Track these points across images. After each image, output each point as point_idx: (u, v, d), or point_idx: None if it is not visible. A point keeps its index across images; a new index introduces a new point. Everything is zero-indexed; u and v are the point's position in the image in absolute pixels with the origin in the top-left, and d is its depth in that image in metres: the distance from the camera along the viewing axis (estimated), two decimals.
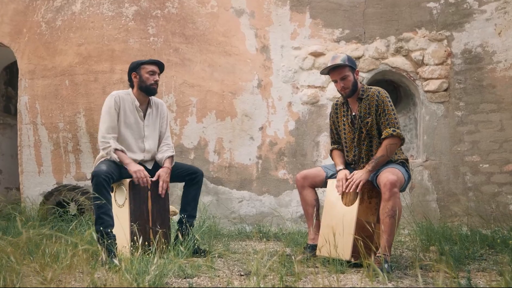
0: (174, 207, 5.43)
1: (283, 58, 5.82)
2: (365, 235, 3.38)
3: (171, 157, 3.91)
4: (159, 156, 3.92)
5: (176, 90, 5.63)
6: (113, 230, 3.44)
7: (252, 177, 5.72)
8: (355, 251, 3.35)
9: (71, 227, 3.78)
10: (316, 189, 3.81)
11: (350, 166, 3.75)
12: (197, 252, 3.74)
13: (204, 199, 5.61)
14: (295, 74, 5.82)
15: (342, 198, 3.52)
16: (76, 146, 5.56)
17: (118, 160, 3.63)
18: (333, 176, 3.73)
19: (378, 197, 3.48)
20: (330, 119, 3.90)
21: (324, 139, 5.75)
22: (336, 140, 3.87)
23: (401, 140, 3.52)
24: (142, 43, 5.58)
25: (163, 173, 3.76)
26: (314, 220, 3.63)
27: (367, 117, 3.60)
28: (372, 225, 3.40)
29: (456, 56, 5.68)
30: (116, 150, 3.64)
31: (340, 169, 3.61)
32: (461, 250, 3.94)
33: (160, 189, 3.71)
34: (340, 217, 3.49)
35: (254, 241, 4.81)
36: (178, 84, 5.63)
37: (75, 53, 5.59)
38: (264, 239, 5.02)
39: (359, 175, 3.44)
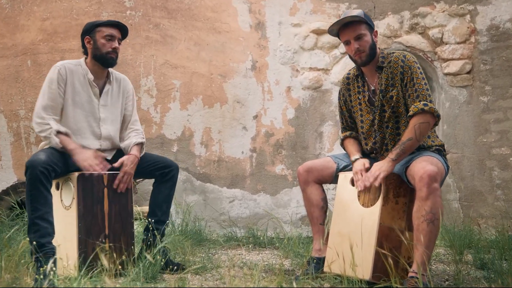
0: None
1: (281, 36, 4.87)
2: (391, 246, 2.42)
3: (140, 144, 2.96)
4: (124, 144, 2.98)
5: (157, 71, 4.67)
6: (53, 241, 2.48)
7: (245, 173, 4.76)
8: (377, 269, 2.39)
9: (8, 235, 2.82)
10: (323, 185, 2.86)
11: (369, 156, 2.80)
12: (168, 266, 2.78)
13: (189, 198, 4.65)
14: (295, 54, 4.87)
15: (358, 197, 2.56)
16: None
17: (61, 146, 2.67)
18: (346, 168, 2.78)
19: (407, 195, 2.52)
20: (340, 99, 2.94)
21: (329, 129, 4.80)
22: (348, 126, 2.92)
23: (435, 117, 2.57)
24: (117, 17, 4.62)
25: (127, 161, 2.80)
26: (326, 230, 2.64)
27: (390, 90, 2.64)
28: (403, 233, 2.45)
29: (481, 33, 4.73)
30: (58, 132, 2.68)
31: (357, 159, 2.66)
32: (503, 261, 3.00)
33: (117, 181, 2.74)
34: (356, 222, 2.52)
35: (245, 250, 3.85)
36: (159, 64, 4.68)
37: (38, 29, 4.64)
38: (258, 246, 4.06)
39: (379, 166, 2.49)
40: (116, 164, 2.78)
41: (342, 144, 2.91)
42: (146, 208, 4.40)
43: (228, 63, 4.78)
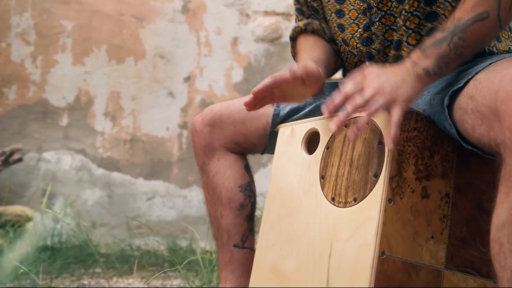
0: (25, 208, 2.84)
1: None
2: None
3: None
4: None
5: (37, 7, 3.05)
6: None
7: (171, 159, 3.16)
8: None
9: None
10: (248, 158, 1.23)
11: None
12: None
13: (85, 194, 3.04)
14: None
15: (323, 178, 0.94)
16: None
17: None
18: (297, 115, 1.14)
19: (451, 174, 0.89)
20: None
21: None
22: (308, 6, 1.26)
23: None
24: None
25: None
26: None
27: None
28: (446, 277, 0.83)
29: None
30: None
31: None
32: None
33: None
34: (316, 246, 0.91)
35: (145, 277, 2.22)
36: None
37: None
38: (171, 270, 2.44)
39: (385, 80, 0.86)
40: None
41: (292, 50, 1.31)
42: (12, 209, 2.80)
43: (148, 1, 3.20)
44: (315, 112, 1.10)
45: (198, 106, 3.22)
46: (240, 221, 1.14)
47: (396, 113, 0.82)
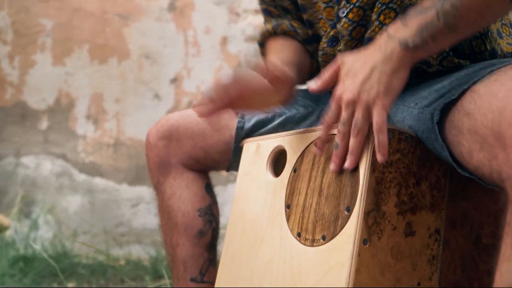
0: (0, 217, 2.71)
1: None
2: None
3: None
4: None
5: (15, 5, 2.93)
6: None
7: None
8: None
9: None
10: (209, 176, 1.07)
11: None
12: None
13: (67, 200, 2.91)
14: None
15: (288, 207, 0.78)
16: None
17: None
18: (264, 128, 0.97)
19: (442, 204, 0.73)
20: None
21: None
22: (277, 6, 1.08)
23: None
24: None
25: None
26: None
27: None
28: None
29: None
30: None
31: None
32: None
33: None
34: (278, 286, 0.75)
35: None
36: None
37: None
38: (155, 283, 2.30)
39: (357, 83, 0.69)
40: None
41: (262, 57, 1.15)
42: None
43: None
44: (286, 125, 0.94)
45: (186, 109, 3.08)
46: (199, 251, 0.97)
47: (375, 117, 0.66)
